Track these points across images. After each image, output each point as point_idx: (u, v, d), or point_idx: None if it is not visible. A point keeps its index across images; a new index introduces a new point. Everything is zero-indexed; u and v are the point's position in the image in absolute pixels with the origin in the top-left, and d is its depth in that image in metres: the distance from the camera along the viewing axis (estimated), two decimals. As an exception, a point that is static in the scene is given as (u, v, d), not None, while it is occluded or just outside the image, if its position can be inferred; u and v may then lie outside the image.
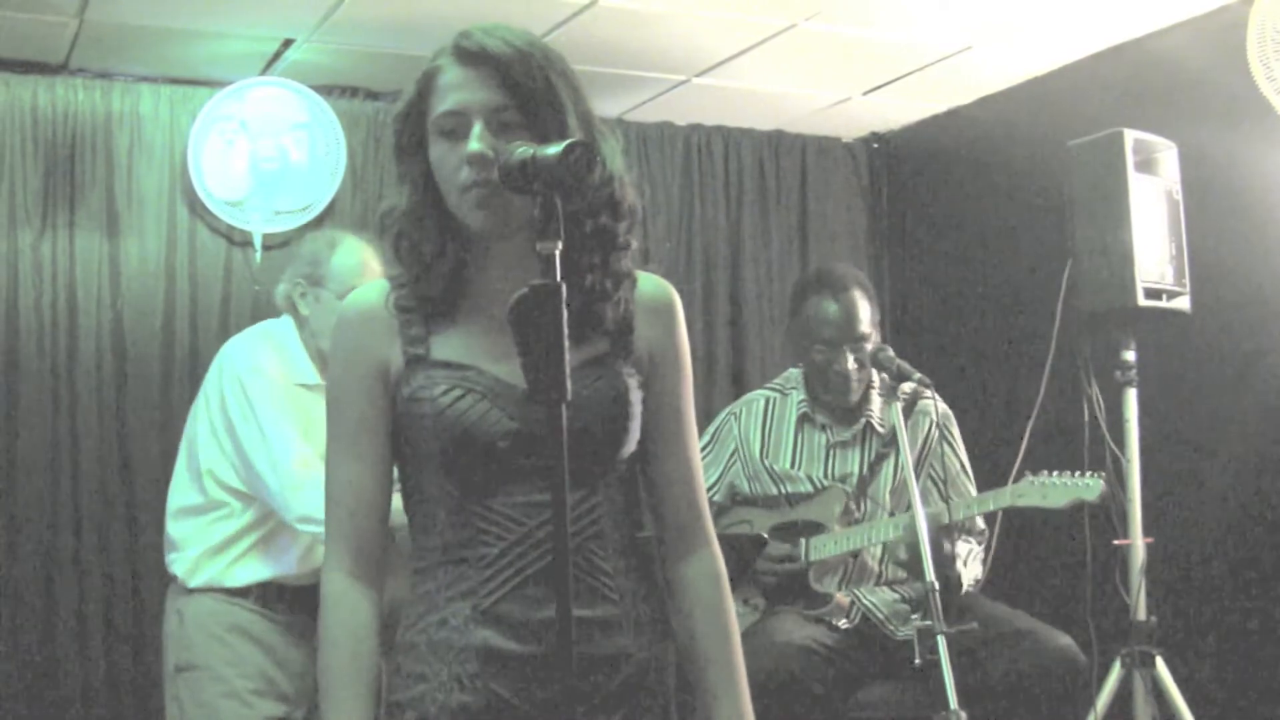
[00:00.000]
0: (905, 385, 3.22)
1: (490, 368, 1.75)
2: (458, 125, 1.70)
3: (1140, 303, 3.44)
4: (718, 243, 5.13)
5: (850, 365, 3.43)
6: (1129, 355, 3.56)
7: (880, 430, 3.49)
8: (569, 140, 1.54)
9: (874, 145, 5.42)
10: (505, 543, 1.72)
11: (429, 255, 1.76)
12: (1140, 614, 3.45)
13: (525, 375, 1.51)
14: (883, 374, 3.28)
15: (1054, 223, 3.83)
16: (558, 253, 1.50)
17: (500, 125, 1.69)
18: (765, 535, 3.45)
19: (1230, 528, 3.93)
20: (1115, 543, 3.53)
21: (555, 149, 1.51)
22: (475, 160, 1.68)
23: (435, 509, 1.76)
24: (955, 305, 5.00)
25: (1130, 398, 3.55)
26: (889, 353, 3.21)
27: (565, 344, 1.48)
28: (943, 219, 5.11)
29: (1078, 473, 3.14)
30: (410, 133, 1.77)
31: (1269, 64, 3.44)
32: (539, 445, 1.69)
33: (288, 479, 2.95)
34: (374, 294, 1.82)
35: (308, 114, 4.42)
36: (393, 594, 1.83)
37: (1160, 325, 3.64)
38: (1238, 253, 3.89)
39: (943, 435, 3.44)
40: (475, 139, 1.68)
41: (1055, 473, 3.15)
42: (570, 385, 1.49)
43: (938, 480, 3.41)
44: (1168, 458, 3.91)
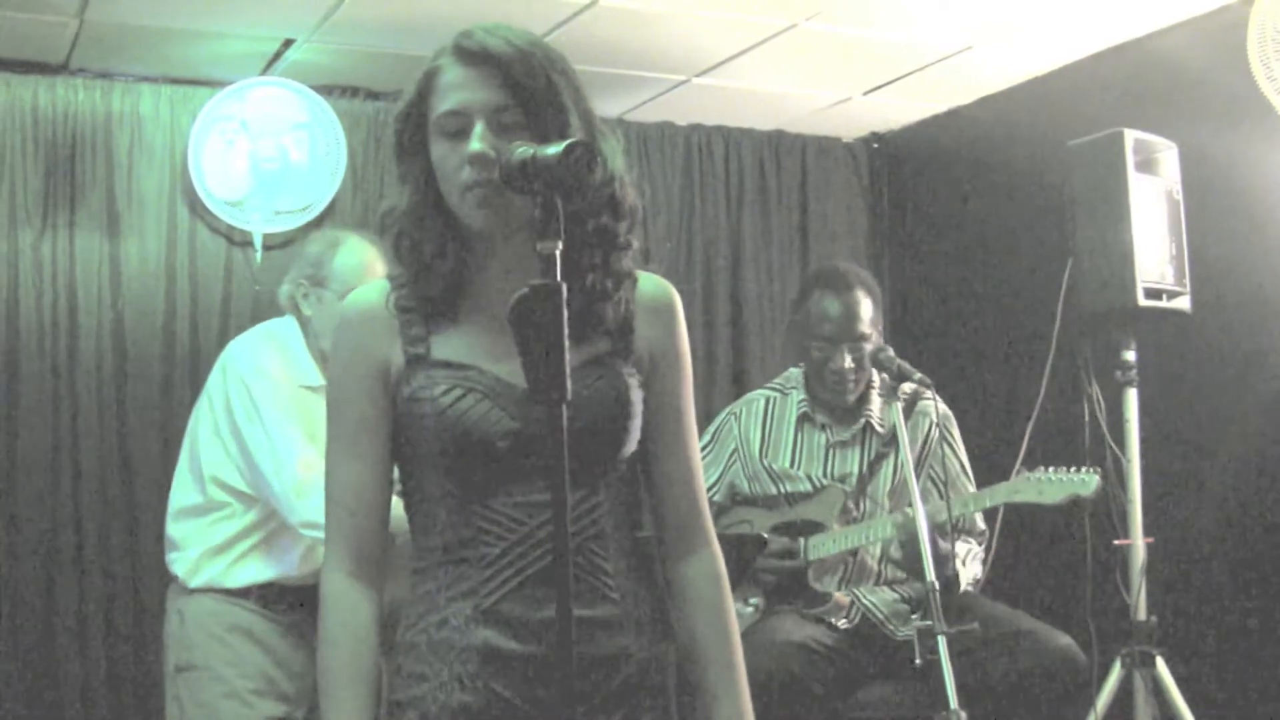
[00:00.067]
0: (905, 385, 3.22)
1: (491, 367, 1.75)
2: (459, 125, 1.70)
3: (1140, 303, 3.44)
4: (718, 243, 5.13)
5: (847, 364, 3.42)
6: (1129, 355, 3.56)
7: (880, 430, 3.49)
8: (570, 140, 1.53)
9: (874, 145, 5.42)
10: (506, 543, 1.72)
11: (429, 255, 1.76)
12: (1140, 614, 3.45)
13: (526, 375, 1.51)
14: (883, 374, 3.28)
15: (1054, 223, 3.83)
16: (558, 252, 1.49)
17: (501, 125, 1.69)
18: (765, 535, 3.45)
19: (1230, 528, 3.93)
20: (1115, 543, 3.53)
21: (556, 149, 1.51)
22: (477, 160, 1.68)
23: (436, 509, 1.76)
24: (955, 305, 4.99)
25: (1130, 398, 3.55)
26: (889, 353, 3.21)
27: (565, 344, 1.48)
28: (943, 219, 5.11)
29: (1074, 468, 3.15)
30: (411, 132, 1.77)
31: (1269, 64, 3.44)
32: (539, 445, 1.69)
33: (292, 483, 2.95)
34: (374, 294, 1.82)
35: (308, 114, 4.42)
36: (393, 594, 1.83)
37: (1160, 325, 3.65)
38: (1238, 253, 3.89)
39: (943, 436, 3.43)
40: (477, 139, 1.68)
41: (1052, 469, 3.16)
42: (570, 385, 1.49)
43: (937, 481, 3.40)
44: (1168, 458, 3.91)
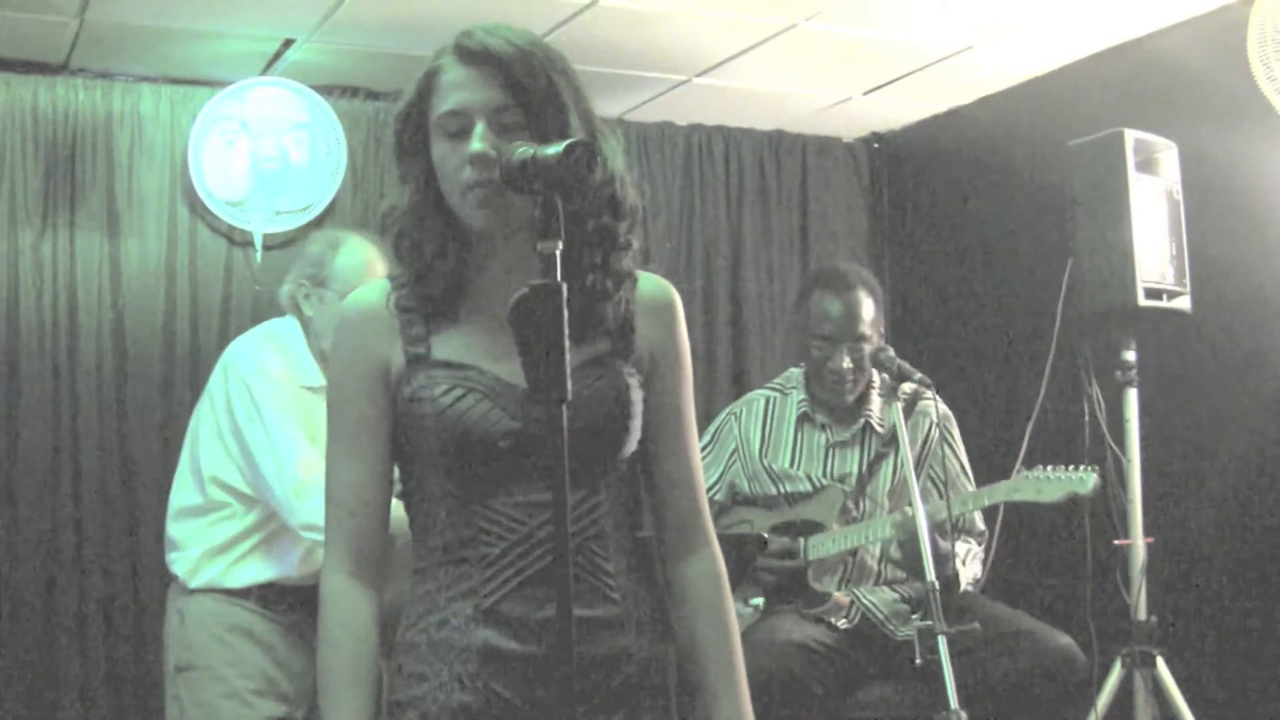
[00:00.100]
0: (905, 385, 3.22)
1: (491, 367, 1.75)
2: (460, 125, 1.70)
3: (1140, 303, 3.44)
4: (718, 243, 5.13)
5: (845, 364, 3.42)
6: (1129, 355, 3.56)
7: (879, 430, 3.49)
8: (570, 140, 1.53)
9: (874, 145, 5.42)
10: (506, 542, 1.72)
11: (430, 255, 1.76)
12: (1140, 614, 3.45)
13: (526, 375, 1.51)
14: (883, 374, 3.28)
15: (1054, 223, 3.83)
16: (558, 252, 1.49)
17: (502, 125, 1.69)
18: (765, 535, 3.45)
19: (1230, 528, 3.93)
20: (1115, 542, 3.53)
21: (556, 149, 1.51)
22: (478, 160, 1.68)
23: (436, 509, 1.76)
24: (955, 305, 4.99)
25: (1130, 397, 3.55)
26: (889, 353, 3.21)
27: (566, 344, 1.48)
28: (943, 219, 5.11)
29: (1072, 466, 3.15)
30: (411, 132, 1.77)
31: (1269, 64, 3.44)
32: (540, 445, 1.69)
33: (293, 484, 2.94)
34: (375, 294, 1.82)
35: (308, 114, 4.42)
36: (393, 594, 1.83)
37: (1160, 325, 3.65)
38: (1238, 253, 3.89)
39: (943, 436, 3.43)
40: (478, 139, 1.68)
41: (1050, 467, 3.16)
42: (571, 385, 1.49)
43: (937, 481, 3.40)
44: (1168, 457, 3.92)
